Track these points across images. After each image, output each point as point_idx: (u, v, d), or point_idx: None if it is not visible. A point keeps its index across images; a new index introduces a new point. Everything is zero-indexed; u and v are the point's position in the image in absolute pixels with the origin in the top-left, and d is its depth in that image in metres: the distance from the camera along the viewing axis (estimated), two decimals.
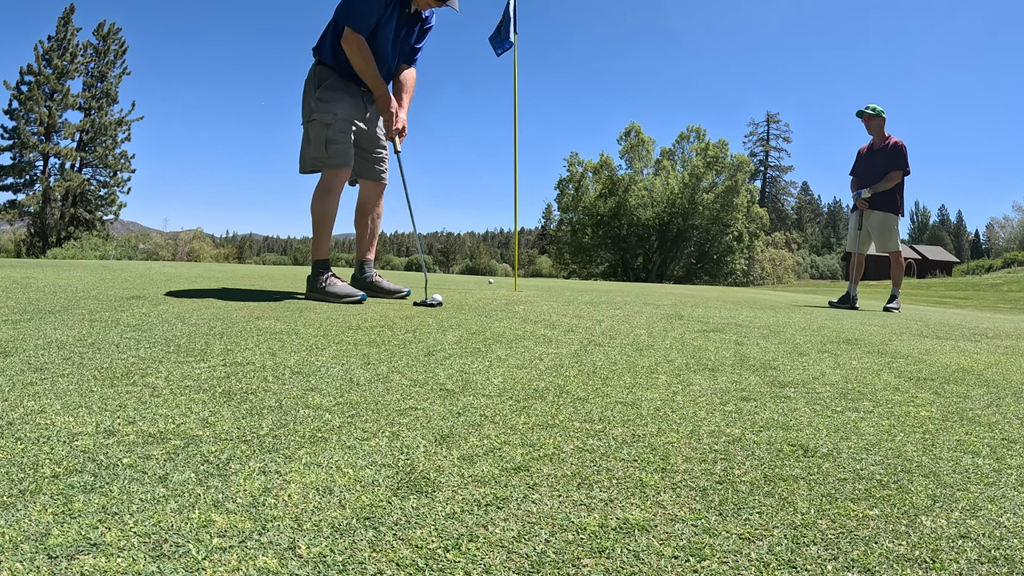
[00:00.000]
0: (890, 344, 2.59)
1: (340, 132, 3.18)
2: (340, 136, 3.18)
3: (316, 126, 3.15)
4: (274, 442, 1.07)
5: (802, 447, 1.16)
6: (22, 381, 1.37)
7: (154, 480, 0.89)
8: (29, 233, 30.60)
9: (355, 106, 3.27)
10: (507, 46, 4.99)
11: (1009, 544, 0.80)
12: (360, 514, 0.82)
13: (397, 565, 0.71)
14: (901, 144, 5.45)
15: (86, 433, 1.07)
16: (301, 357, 1.75)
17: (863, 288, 11.78)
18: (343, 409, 1.28)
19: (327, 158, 3.16)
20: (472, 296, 4.00)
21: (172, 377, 1.47)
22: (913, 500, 0.93)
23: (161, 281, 3.90)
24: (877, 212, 5.54)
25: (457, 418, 1.26)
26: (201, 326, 2.16)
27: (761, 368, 1.91)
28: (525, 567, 0.71)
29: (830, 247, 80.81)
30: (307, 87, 3.24)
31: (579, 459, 1.06)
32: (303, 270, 7.25)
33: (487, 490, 0.91)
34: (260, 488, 0.88)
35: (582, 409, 1.36)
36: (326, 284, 3.18)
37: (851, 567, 0.74)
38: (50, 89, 30.52)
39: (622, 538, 0.79)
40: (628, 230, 40.79)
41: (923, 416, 1.42)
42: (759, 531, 0.82)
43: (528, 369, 1.75)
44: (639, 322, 2.96)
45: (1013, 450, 1.19)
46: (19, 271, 4.13)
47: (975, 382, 1.83)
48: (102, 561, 0.68)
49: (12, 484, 0.86)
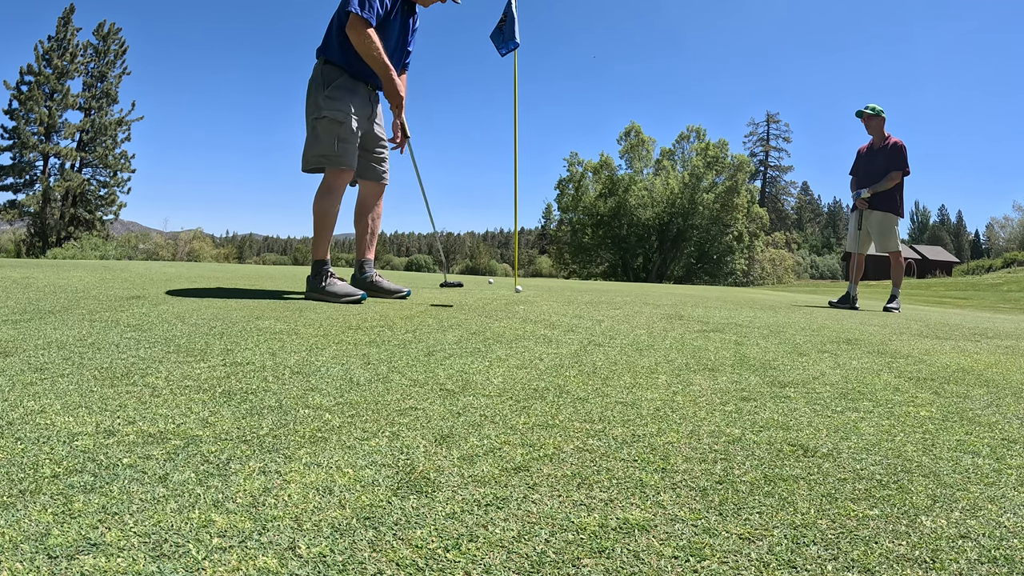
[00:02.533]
0: (890, 344, 2.59)
1: (350, 132, 3.17)
2: (350, 136, 3.18)
3: (326, 123, 3.14)
4: (274, 442, 1.07)
5: (802, 447, 1.16)
6: (22, 381, 1.37)
7: (154, 480, 0.89)
8: (29, 233, 30.59)
9: (363, 107, 3.27)
10: (512, 46, 4.99)
11: (1009, 544, 0.80)
12: (360, 514, 0.82)
13: (397, 565, 0.71)
14: (901, 144, 5.44)
15: (86, 433, 1.07)
16: (301, 357, 1.75)
17: (863, 288, 11.78)
18: (343, 409, 1.28)
19: (336, 156, 3.14)
20: (472, 296, 4.00)
21: (172, 377, 1.47)
22: (913, 500, 0.93)
23: (161, 281, 3.90)
24: (877, 212, 5.54)
25: (457, 418, 1.26)
26: (201, 326, 2.16)
27: (761, 368, 1.91)
28: (525, 567, 0.71)
29: (830, 247, 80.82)
30: (313, 86, 3.22)
31: (579, 459, 1.06)
32: (303, 270, 7.25)
33: (487, 490, 0.91)
34: (260, 488, 0.88)
35: (582, 409, 1.36)
36: (326, 284, 3.18)
37: (851, 567, 0.74)
38: (50, 89, 30.51)
39: (622, 538, 0.79)
40: (628, 230, 40.79)
41: (923, 416, 1.42)
42: (759, 531, 0.82)
43: (528, 369, 1.75)
44: (639, 322, 2.96)
45: (1013, 450, 1.19)
46: (19, 271, 4.13)
47: (975, 382, 1.83)
48: (102, 561, 0.68)
49: (12, 484, 0.86)
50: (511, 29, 4.97)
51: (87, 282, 3.51)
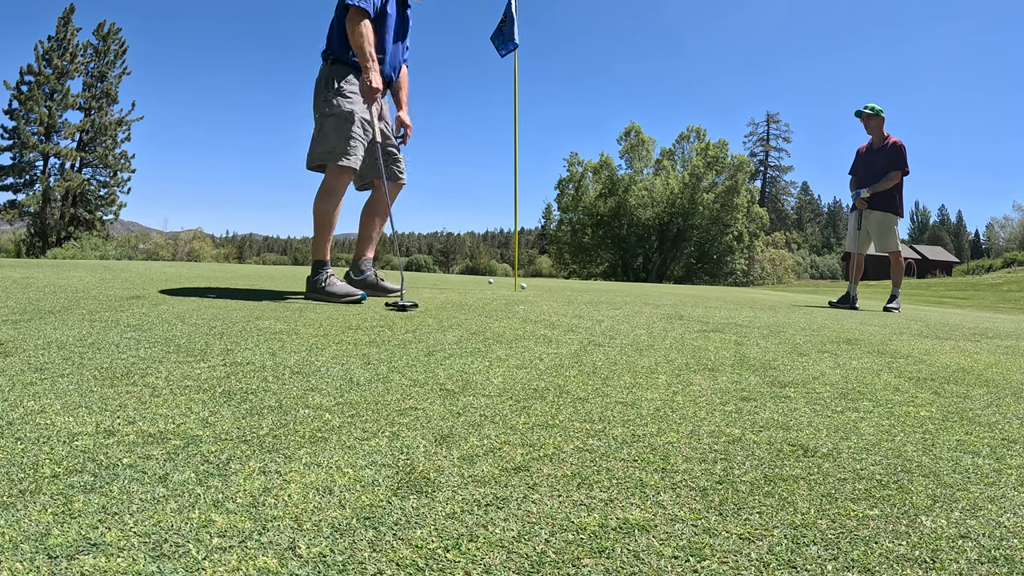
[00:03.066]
0: (890, 344, 2.59)
1: (358, 128, 3.16)
2: (359, 134, 3.16)
3: (335, 120, 3.13)
4: (274, 442, 1.07)
5: (802, 447, 1.16)
6: (22, 381, 1.37)
7: (154, 480, 0.89)
8: (29, 233, 30.59)
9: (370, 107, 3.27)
10: (512, 47, 5.00)
11: (1009, 544, 0.80)
12: (360, 514, 0.82)
13: (397, 565, 0.71)
14: (900, 144, 5.44)
15: (86, 433, 1.07)
16: (301, 357, 1.75)
17: (863, 288, 11.78)
18: (343, 409, 1.28)
19: (342, 153, 3.12)
20: (472, 296, 4.00)
21: (172, 377, 1.47)
22: (913, 500, 0.93)
23: (161, 281, 3.90)
24: (876, 212, 5.53)
25: (457, 418, 1.26)
26: (201, 326, 2.16)
27: (761, 368, 1.91)
28: (525, 567, 0.71)
29: (830, 247, 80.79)
30: (321, 84, 3.21)
31: (579, 459, 1.06)
32: (303, 270, 7.25)
33: (487, 490, 0.91)
34: (260, 488, 0.88)
35: (582, 409, 1.36)
36: (326, 284, 3.18)
37: (851, 567, 0.74)
38: (50, 89, 30.51)
39: (622, 538, 0.79)
40: (628, 230, 40.78)
41: (923, 416, 1.42)
42: (759, 531, 0.82)
43: (528, 369, 1.75)
44: (639, 322, 2.96)
45: (1013, 450, 1.19)
46: (19, 271, 4.13)
47: (975, 382, 1.83)
48: (102, 561, 0.68)
49: (12, 484, 0.86)
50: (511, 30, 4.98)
51: (87, 282, 3.51)
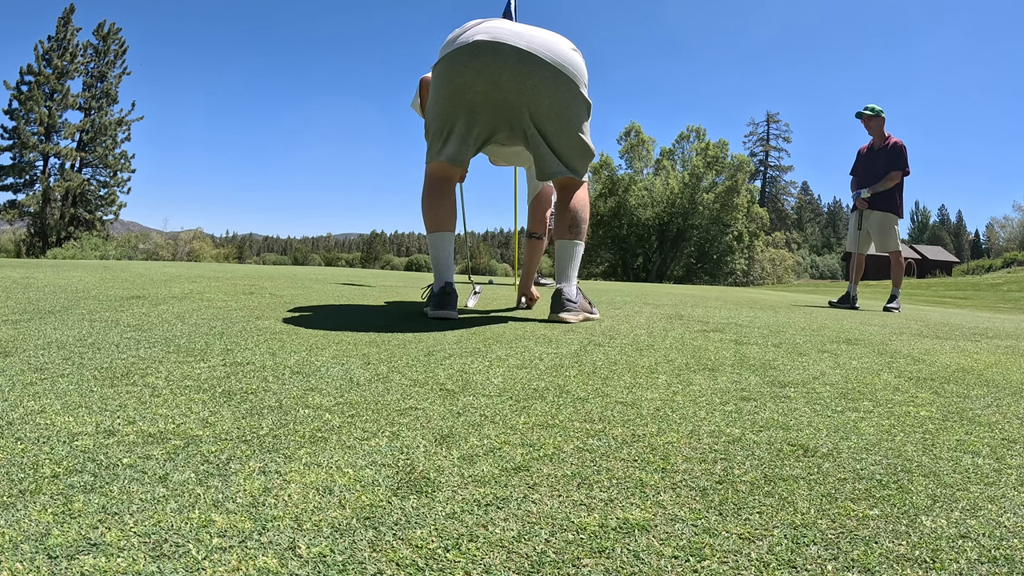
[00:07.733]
0: (890, 344, 2.59)
1: None
2: None
3: None
4: (274, 442, 1.07)
5: (802, 447, 1.16)
6: (22, 381, 1.37)
7: (154, 480, 0.89)
8: (29, 233, 30.59)
9: None
10: None
11: (1009, 544, 0.80)
12: (360, 514, 0.82)
13: (397, 565, 0.71)
14: (901, 144, 5.45)
15: (86, 433, 1.07)
16: (301, 357, 1.75)
17: (863, 288, 11.78)
18: (343, 409, 1.28)
19: None
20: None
21: (172, 377, 1.47)
22: (913, 500, 0.93)
23: (161, 281, 3.90)
24: (877, 212, 5.54)
25: (457, 418, 1.26)
26: (201, 326, 2.16)
27: (761, 368, 1.91)
28: (525, 567, 0.71)
29: (830, 247, 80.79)
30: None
31: (579, 459, 1.06)
32: (303, 270, 7.25)
33: (487, 490, 0.91)
34: (260, 488, 0.88)
35: (582, 409, 1.36)
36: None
37: (851, 567, 0.74)
38: (50, 89, 30.51)
39: (622, 538, 0.79)
40: (628, 230, 40.75)
41: (923, 416, 1.42)
42: (759, 531, 0.82)
43: (528, 369, 1.75)
44: (639, 322, 2.96)
45: (1013, 450, 1.19)
46: (19, 271, 4.13)
47: (975, 382, 1.83)
48: (102, 561, 0.68)
49: (12, 484, 0.86)
50: None
51: (87, 282, 3.51)
